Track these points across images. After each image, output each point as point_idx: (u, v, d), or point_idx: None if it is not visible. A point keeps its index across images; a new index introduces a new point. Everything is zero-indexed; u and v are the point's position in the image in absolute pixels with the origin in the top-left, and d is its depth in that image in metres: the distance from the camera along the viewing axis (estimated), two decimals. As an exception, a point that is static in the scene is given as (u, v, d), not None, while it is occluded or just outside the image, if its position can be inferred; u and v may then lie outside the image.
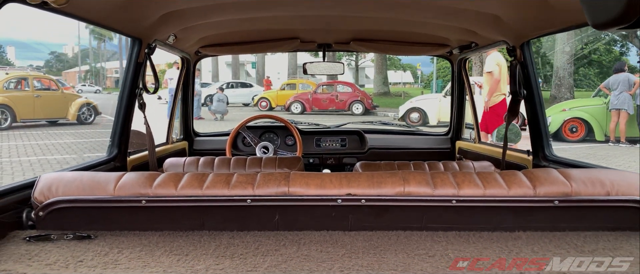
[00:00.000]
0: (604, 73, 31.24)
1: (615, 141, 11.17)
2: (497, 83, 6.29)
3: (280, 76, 43.51)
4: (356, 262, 1.16)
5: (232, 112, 19.47)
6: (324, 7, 2.17)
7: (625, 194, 1.39)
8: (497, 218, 1.39)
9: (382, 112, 20.71)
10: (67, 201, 1.37)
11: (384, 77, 32.36)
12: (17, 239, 1.30)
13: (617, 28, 1.25)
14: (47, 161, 8.81)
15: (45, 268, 1.10)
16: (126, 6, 1.73)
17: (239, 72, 41.89)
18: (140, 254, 1.20)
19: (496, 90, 6.35)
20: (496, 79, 6.26)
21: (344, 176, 1.44)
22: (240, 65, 42.67)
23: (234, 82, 30.97)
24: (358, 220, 1.40)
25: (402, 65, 57.70)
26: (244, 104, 27.02)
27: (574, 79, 31.11)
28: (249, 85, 30.74)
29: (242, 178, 1.44)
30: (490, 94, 6.33)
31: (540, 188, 1.39)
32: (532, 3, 1.71)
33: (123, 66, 48.84)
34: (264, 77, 34.20)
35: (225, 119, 17.40)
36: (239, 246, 1.26)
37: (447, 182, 1.40)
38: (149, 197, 1.38)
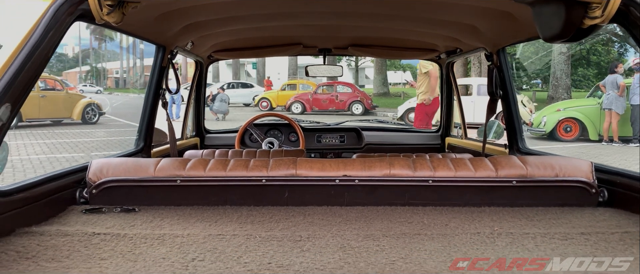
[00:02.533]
0: (603, 74, 31.48)
1: (609, 140, 11.44)
2: (436, 80, 6.64)
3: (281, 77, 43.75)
4: (349, 226, 1.44)
5: (233, 112, 19.74)
6: (325, 17, 2.47)
7: (571, 176, 1.68)
8: (466, 195, 1.69)
9: (381, 112, 20.98)
10: (116, 181, 1.67)
11: (384, 78, 32.63)
12: (76, 211, 1.59)
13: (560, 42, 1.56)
14: (56, 159, 9.08)
15: (107, 229, 1.40)
16: (157, 20, 2.03)
17: (239, 73, 42.17)
18: (179, 221, 1.50)
19: (432, 90, 6.80)
20: (435, 76, 6.64)
21: (341, 161, 1.74)
22: (240, 65, 42.98)
23: (234, 82, 31.25)
24: (352, 197, 1.69)
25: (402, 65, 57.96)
26: (244, 104, 27.31)
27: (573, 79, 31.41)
28: (250, 85, 31.03)
29: (258, 163, 1.74)
30: (432, 92, 6.79)
31: (502, 171, 1.69)
32: (502, 17, 2.01)
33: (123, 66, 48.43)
34: (264, 78, 34.49)
35: (227, 119, 17.69)
36: (256, 216, 1.55)
37: (425, 166, 1.70)
38: (183, 178, 1.68)
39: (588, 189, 1.68)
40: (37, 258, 1.15)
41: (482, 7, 2.00)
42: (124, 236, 1.33)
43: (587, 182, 1.68)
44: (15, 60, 1.20)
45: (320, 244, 1.26)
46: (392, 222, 1.48)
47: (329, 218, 1.52)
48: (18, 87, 1.21)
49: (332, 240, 1.30)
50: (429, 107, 6.85)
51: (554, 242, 1.31)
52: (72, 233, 1.35)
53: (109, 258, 1.16)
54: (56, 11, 1.29)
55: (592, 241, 1.31)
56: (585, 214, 1.59)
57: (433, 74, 6.74)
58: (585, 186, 1.68)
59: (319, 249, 1.23)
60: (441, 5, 2.06)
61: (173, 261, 1.14)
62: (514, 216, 1.55)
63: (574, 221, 1.50)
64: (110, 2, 1.40)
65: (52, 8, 1.29)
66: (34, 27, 1.25)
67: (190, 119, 3.56)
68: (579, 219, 1.52)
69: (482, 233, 1.38)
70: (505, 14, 1.96)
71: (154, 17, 1.96)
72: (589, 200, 1.69)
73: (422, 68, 6.98)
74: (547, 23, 1.57)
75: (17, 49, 1.22)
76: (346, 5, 2.17)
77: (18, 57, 1.21)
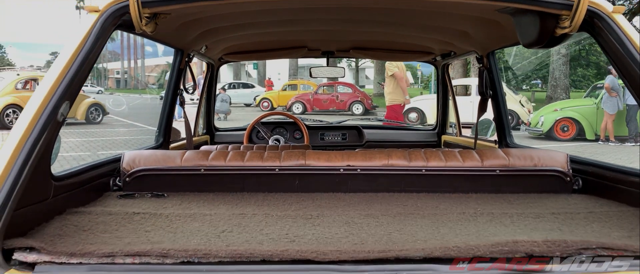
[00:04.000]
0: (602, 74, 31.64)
1: (605, 140, 11.66)
2: (402, 81, 7.13)
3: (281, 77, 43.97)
4: (353, 208, 1.66)
5: (234, 112, 19.95)
6: (329, 23, 2.69)
7: (548, 166, 1.91)
8: (455, 183, 1.91)
9: (381, 112, 21.14)
10: (147, 170, 1.89)
11: (383, 79, 32.82)
12: (112, 196, 1.82)
13: (536, 47, 1.79)
14: (63, 157, 9.29)
15: (144, 209, 1.61)
16: (179, 27, 2.25)
17: (239, 73, 42.39)
18: (204, 203, 1.72)
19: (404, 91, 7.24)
20: (400, 77, 7.07)
21: (345, 153, 1.96)
22: (241, 66, 43.19)
23: (236, 82, 31.49)
24: (355, 184, 1.91)
25: (402, 66, 58.12)
26: (245, 104, 27.54)
27: (573, 80, 31.64)
28: (251, 86, 31.25)
29: (271, 154, 1.96)
30: (404, 93, 7.23)
31: (487, 161, 1.91)
32: (490, 24, 2.23)
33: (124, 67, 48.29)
34: (265, 78, 34.73)
35: (229, 119, 17.91)
36: (271, 200, 1.77)
37: (419, 157, 1.92)
38: (206, 167, 1.90)
39: (563, 177, 1.90)
40: (93, 230, 1.37)
41: (472, 15, 2.22)
42: (160, 215, 1.55)
43: (563, 172, 1.90)
44: (73, 64, 1.42)
45: (328, 221, 1.49)
46: (390, 205, 1.70)
47: (335, 201, 1.75)
48: (74, 87, 1.43)
49: (338, 218, 1.52)
50: (399, 107, 7.26)
51: (527, 220, 1.51)
52: (115, 212, 1.57)
53: (152, 231, 1.38)
54: (103, 22, 1.51)
55: (560, 219, 1.53)
56: (560, 199, 1.81)
57: (398, 76, 7.14)
58: (561, 174, 1.90)
59: (328, 224, 1.45)
60: (436, 13, 2.28)
61: (206, 232, 1.37)
62: (497, 200, 1.77)
63: (548, 204, 1.73)
64: (148, 15, 1.62)
65: (100, 19, 1.51)
66: (86, 36, 1.47)
67: (201, 117, 3.79)
68: (552, 203, 1.74)
69: (466, 213, 1.59)
70: (493, 21, 2.18)
71: (177, 25, 2.18)
72: (565, 187, 1.91)
73: (388, 71, 7.37)
74: (525, 31, 1.80)
75: (74, 54, 1.44)
76: (348, 12, 2.39)
77: (75, 62, 1.42)
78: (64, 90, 1.38)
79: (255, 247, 1.22)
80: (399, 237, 1.33)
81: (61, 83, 1.38)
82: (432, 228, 1.41)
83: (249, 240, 1.30)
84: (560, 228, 1.43)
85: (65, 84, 1.39)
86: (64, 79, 1.39)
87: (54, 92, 1.37)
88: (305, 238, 1.32)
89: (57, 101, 1.36)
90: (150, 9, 1.59)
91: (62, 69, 1.41)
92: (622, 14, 1.57)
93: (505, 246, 1.20)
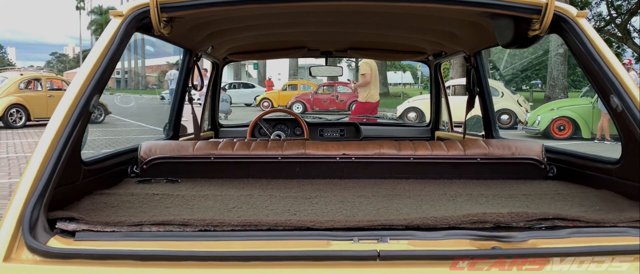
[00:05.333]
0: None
1: (601, 139, 11.85)
2: (369, 83, 7.60)
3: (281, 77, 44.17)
4: (347, 190, 1.86)
5: (234, 112, 20.14)
6: (327, 26, 2.89)
7: (525, 154, 2.11)
8: (440, 170, 2.11)
9: (381, 112, 21.31)
10: (162, 158, 2.09)
11: (383, 78, 33.02)
12: (131, 181, 2.02)
13: (513, 47, 1.99)
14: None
15: (162, 191, 1.81)
16: (190, 29, 2.45)
17: (240, 73, 42.60)
18: (215, 187, 1.91)
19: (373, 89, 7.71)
20: (367, 80, 7.56)
21: (341, 143, 2.17)
22: (241, 66, 43.42)
23: (236, 82, 31.72)
24: (349, 171, 2.12)
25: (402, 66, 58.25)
26: (246, 104, 27.76)
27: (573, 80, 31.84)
28: (251, 86, 31.47)
29: (274, 144, 2.17)
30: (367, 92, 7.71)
31: (469, 150, 2.11)
32: (475, 26, 2.42)
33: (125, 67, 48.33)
34: (265, 78, 34.96)
35: (229, 118, 18.10)
36: (274, 185, 1.97)
37: (408, 147, 2.12)
38: (216, 156, 2.10)
39: (538, 165, 2.10)
40: (120, 207, 1.58)
41: (458, 18, 2.42)
42: (176, 195, 1.76)
43: (538, 160, 2.10)
44: (102, 63, 1.62)
45: (325, 200, 1.69)
46: (380, 188, 1.90)
47: (331, 185, 1.95)
48: (103, 82, 1.62)
49: (333, 198, 1.73)
50: (368, 104, 7.74)
51: (501, 200, 1.71)
52: (136, 193, 1.77)
53: (171, 207, 1.59)
54: (127, 25, 1.71)
55: (530, 199, 1.73)
56: (534, 183, 2.01)
57: (367, 77, 7.64)
58: (536, 162, 2.10)
59: (324, 203, 1.65)
60: (427, 16, 2.48)
61: (219, 208, 1.57)
62: (477, 185, 1.97)
63: (522, 187, 1.93)
64: (165, 18, 1.82)
65: (124, 23, 1.71)
66: (113, 37, 1.67)
67: (206, 114, 3.99)
68: (526, 187, 1.94)
69: (447, 194, 1.79)
70: (477, 24, 2.38)
71: (188, 28, 2.38)
72: (540, 174, 2.11)
73: (361, 71, 7.89)
74: (502, 33, 2.01)
75: (103, 53, 1.64)
76: (345, 16, 2.59)
77: (104, 60, 1.62)
78: (94, 85, 1.58)
79: (262, 218, 1.42)
80: (385, 212, 1.53)
81: (92, 79, 1.58)
82: (415, 205, 1.62)
83: (256, 213, 1.50)
84: (528, 205, 1.62)
85: (95, 80, 1.59)
86: (94, 75, 1.59)
87: (86, 87, 1.57)
88: (304, 212, 1.52)
89: (88, 95, 1.56)
90: (168, 14, 1.79)
91: (93, 66, 1.61)
92: (585, 18, 1.77)
93: (474, 216, 1.40)
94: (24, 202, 1.29)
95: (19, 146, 11.05)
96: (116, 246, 1.28)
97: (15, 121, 15.28)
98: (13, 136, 13.11)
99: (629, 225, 1.39)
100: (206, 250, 1.24)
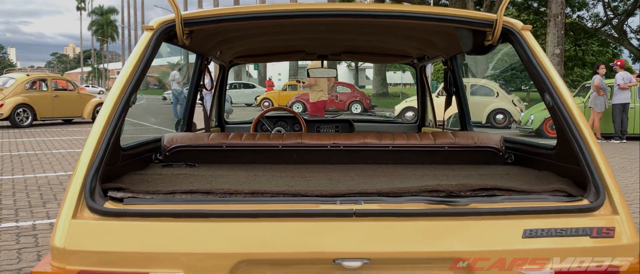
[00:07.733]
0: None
1: (591, 137, 12.20)
2: (318, 84, 8.85)
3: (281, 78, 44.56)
4: (335, 172, 2.24)
5: (235, 111, 20.53)
6: (323, 32, 3.29)
7: (485, 143, 2.51)
8: (415, 157, 2.51)
9: (380, 112, 21.74)
10: (182, 146, 2.49)
11: (383, 78, 33.43)
12: (156, 166, 2.42)
13: (473, 54, 2.40)
14: (76, 153, 9.89)
15: (184, 172, 2.22)
16: (204, 38, 2.85)
17: (240, 74, 42.98)
18: (227, 169, 2.32)
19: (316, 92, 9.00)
20: (313, 82, 8.72)
21: (332, 134, 2.57)
22: (242, 66, 43.84)
23: (237, 82, 32.12)
24: (338, 158, 2.52)
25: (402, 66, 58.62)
26: (246, 104, 28.15)
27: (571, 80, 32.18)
28: (252, 86, 31.88)
29: (276, 136, 2.58)
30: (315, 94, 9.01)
31: (438, 140, 2.51)
32: (448, 35, 2.82)
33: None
34: (266, 79, 35.39)
35: (230, 118, 18.45)
36: (276, 168, 2.36)
37: (387, 137, 2.52)
38: (227, 144, 2.51)
39: (497, 152, 2.50)
40: (154, 182, 1.98)
41: (433, 29, 2.82)
42: (196, 175, 2.16)
43: (497, 148, 2.51)
44: (138, 68, 2.02)
45: (316, 179, 2.09)
46: (363, 171, 2.31)
47: (323, 169, 2.36)
48: (138, 82, 2.02)
49: (323, 177, 2.13)
50: (320, 103, 8.97)
51: (459, 178, 2.10)
52: (164, 174, 2.18)
53: (194, 182, 1.99)
54: (157, 37, 2.11)
55: (482, 178, 2.12)
56: (491, 167, 2.41)
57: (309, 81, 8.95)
58: (495, 150, 2.51)
59: (316, 180, 2.06)
60: (409, 26, 2.88)
61: (233, 183, 1.97)
62: (443, 168, 2.37)
63: (480, 170, 2.32)
64: (187, 31, 2.22)
65: (155, 35, 2.10)
66: (145, 47, 2.06)
67: (213, 113, 4.40)
68: (484, 170, 2.34)
69: (416, 174, 2.19)
70: (450, 34, 2.78)
71: (202, 36, 2.79)
72: (499, 160, 2.51)
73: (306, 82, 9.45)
74: (465, 42, 2.41)
75: (139, 59, 2.03)
76: (339, 25, 2.99)
77: (140, 65, 2.02)
78: (133, 85, 1.98)
79: (267, 188, 1.83)
80: (363, 185, 1.94)
81: (131, 80, 1.98)
82: (387, 181, 2.02)
83: (262, 186, 1.91)
84: (476, 180, 2.01)
85: (134, 81, 1.99)
86: (133, 77, 1.99)
87: (126, 88, 1.96)
88: (299, 185, 1.93)
89: (129, 94, 1.96)
90: (189, 28, 2.19)
91: (131, 70, 2.01)
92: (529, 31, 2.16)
93: (429, 187, 1.81)
94: (84, 175, 1.70)
95: (28, 145, 11.44)
96: (156, 208, 1.69)
97: (22, 120, 15.65)
98: (21, 134, 13.52)
99: (550, 194, 1.78)
100: (226, 209, 1.65)
